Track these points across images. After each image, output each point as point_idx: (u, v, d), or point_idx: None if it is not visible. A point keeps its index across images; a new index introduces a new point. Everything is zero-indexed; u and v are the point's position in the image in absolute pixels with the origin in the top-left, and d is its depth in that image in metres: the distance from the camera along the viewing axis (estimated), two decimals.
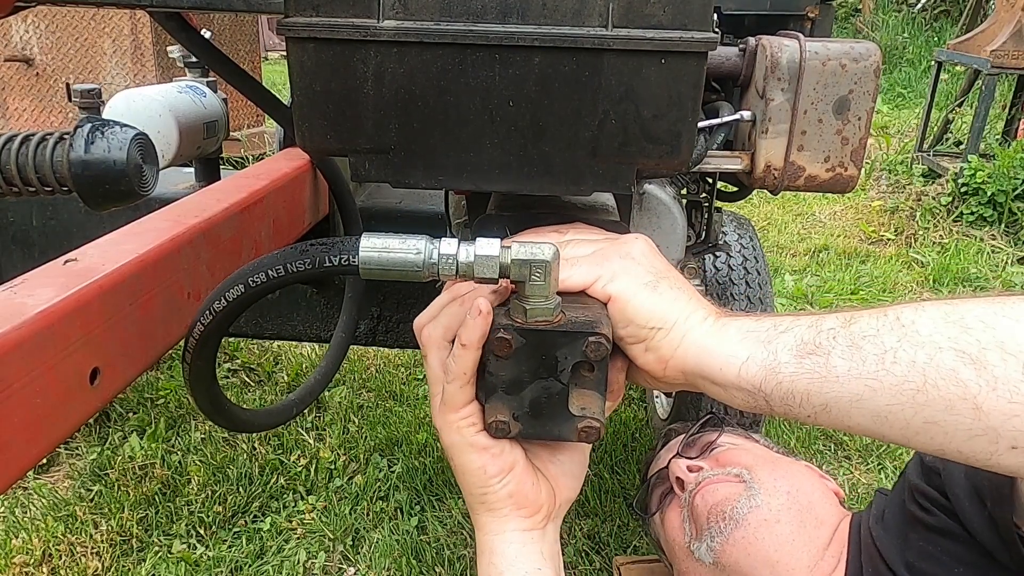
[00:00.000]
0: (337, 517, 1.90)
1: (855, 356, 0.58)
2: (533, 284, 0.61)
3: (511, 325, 0.62)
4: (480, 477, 0.68)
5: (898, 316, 0.58)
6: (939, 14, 8.98)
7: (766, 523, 1.09)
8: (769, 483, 1.14)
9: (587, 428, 0.64)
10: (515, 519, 0.70)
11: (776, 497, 1.12)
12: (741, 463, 1.21)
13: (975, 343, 0.54)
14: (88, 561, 1.75)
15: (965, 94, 5.10)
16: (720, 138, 0.96)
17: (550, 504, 0.72)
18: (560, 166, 0.67)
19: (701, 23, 0.62)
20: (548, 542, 0.72)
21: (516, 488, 0.69)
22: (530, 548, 0.70)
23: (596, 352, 0.61)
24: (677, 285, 0.68)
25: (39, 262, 0.73)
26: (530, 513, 0.70)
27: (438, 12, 0.62)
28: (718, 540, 1.11)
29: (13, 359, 0.59)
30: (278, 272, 0.66)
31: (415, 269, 0.61)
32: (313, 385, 1.21)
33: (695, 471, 1.24)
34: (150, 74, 3.87)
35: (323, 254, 0.64)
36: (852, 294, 3.34)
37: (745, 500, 1.12)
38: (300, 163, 1.29)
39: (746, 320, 0.65)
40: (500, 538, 0.70)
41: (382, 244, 0.62)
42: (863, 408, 0.58)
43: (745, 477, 1.17)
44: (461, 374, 0.65)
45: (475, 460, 0.68)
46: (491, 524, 0.70)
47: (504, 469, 0.68)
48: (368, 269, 0.62)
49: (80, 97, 1.40)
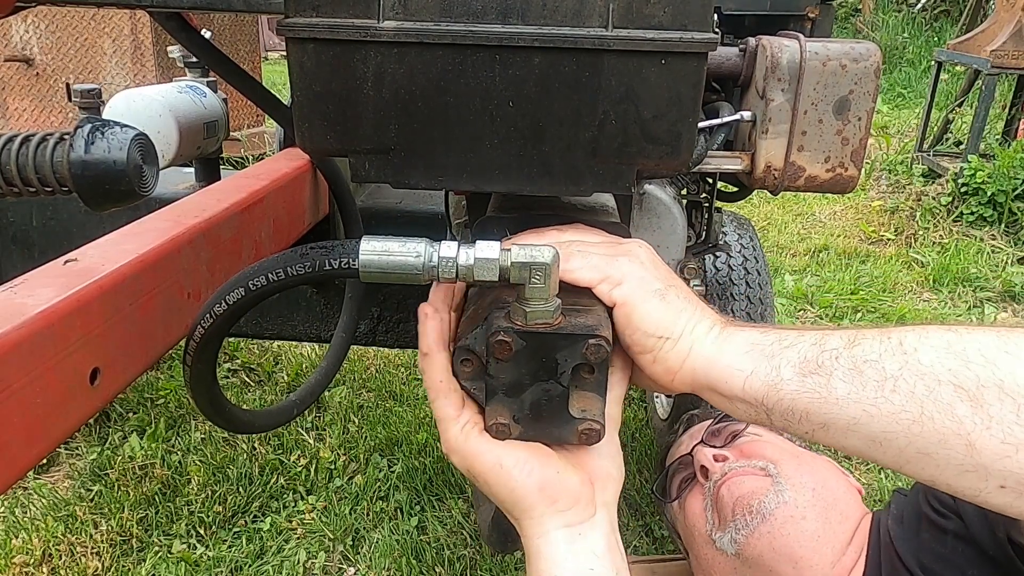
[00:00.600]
0: (337, 517, 1.90)
1: (856, 380, 0.59)
2: (533, 287, 0.61)
3: (511, 328, 0.62)
4: (501, 476, 0.65)
5: (901, 341, 0.59)
6: (939, 14, 8.98)
7: (792, 519, 1.09)
8: (795, 478, 1.14)
9: (587, 430, 0.64)
10: (554, 516, 0.65)
11: (802, 493, 1.12)
12: (766, 456, 1.21)
13: (974, 379, 0.55)
14: (88, 561, 1.75)
15: (965, 94, 5.11)
16: (720, 138, 0.96)
17: (588, 492, 0.67)
18: (560, 166, 0.67)
19: (701, 24, 0.62)
20: (600, 535, 0.66)
21: (542, 478, 0.64)
22: (579, 546, 0.64)
23: (596, 354, 0.61)
24: (684, 295, 0.68)
25: (39, 262, 0.73)
26: (568, 505, 0.65)
27: (438, 13, 0.62)
28: (743, 533, 1.12)
29: (13, 359, 0.59)
30: (278, 276, 0.66)
31: (415, 272, 0.61)
32: (314, 385, 1.21)
33: (720, 460, 1.24)
34: (150, 74, 3.87)
35: (323, 257, 0.64)
36: (852, 294, 3.34)
37: (773, 495, 1.12)
38: (300, 163, 1.29)
39: (752, 332, 0.65)
40: (544, 540, 0.65)
41: (382, 247, 0.62)
42: (859, 432, 0.59)
43: (771, 471, 1.17)
44: (438, 383, 0.65)
45: (487, 458, 0.65)
46: (532, 527, 0.65)
47: (521, 459, 0.65)
48: (368, 272, 0.62)
49: (80, 97, 1.40)
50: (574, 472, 0.67)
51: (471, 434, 0.66)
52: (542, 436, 0.66)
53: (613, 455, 0.70)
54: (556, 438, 0.66)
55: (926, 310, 3.26)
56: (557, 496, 0.65)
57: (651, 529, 1.93)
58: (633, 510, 2.01)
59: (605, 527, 0.67)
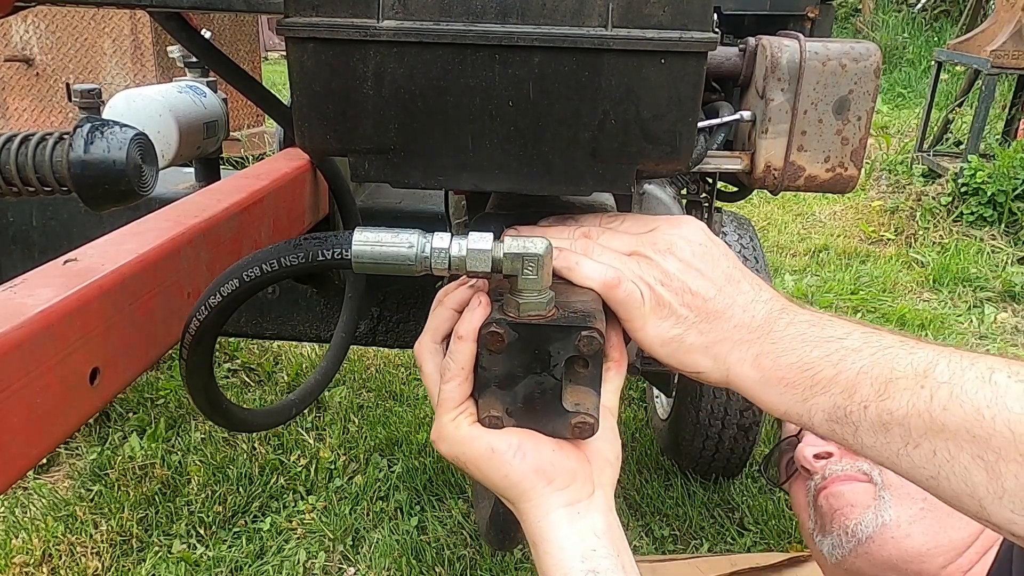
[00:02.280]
0: (337, 517, 1.90)
1: (880, 436, 0.61)
2: (526, 278, 0.61)
3: (503, 319, 0.62)
4: (494, 460, 0.64)
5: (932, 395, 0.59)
6: (939, 14, 8.98)
7: (894, 540, 1.06)
8: (902, 486, 1.09)
9: (580, 424, 0.64)
10: (553, 496, 0.64)
11: (908, 507, 1.08)
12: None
13: (995, 452, 0.56)
14: (88, 561, 1.75)
15: (965, 94, 5.11)
16: (720, 138, 0.96)
17: (585, 469, 0.66)
18: (560, 166, 0.67)
19: (701, 23, 0.62)
20: (598, 513, 0.65)
21: (537, 459, 0.64)
22: (579, 525, 0.64)
23: (589, 346, 0.61)
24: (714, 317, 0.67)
25: (39, 262, 0.73)
26: (566, 483, 0.65)
27: (438, 12, 0.62)
28: (838, 552, 1.10)
29: (13, 359, 0.59)
30: (272, 266, 0.66)
31: (408, 263, 0.61)
32: (313, 385, 1.21)
33: (823, 458, 1.21)
34: (150, 74, 3.87)
35: (316, 248, 0.64)
36: (852, 294, 3.34)
37: (872, 515, 1.08)
38: (300, 163, 1.29)
39: (789, 361, 0.65)
40: (545, 522, 0.64)
41: (375, 238, 0.62)
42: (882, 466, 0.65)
43: (875, 478, 1.13)
44: (459, 369, 0.64)
45: (479, 445, 0.65)
46: (531, 510, 0.65)
47: (513, 443, 0.64)
48: (361, 263, 0.62)
49: (80, 97, 1.40)
50: (570, 451, 0.66)
51: (463, 423, 0.65)
52: (535, 429, 0.66)
53: (611, 440, 0.69)
54: (549, 431, 0.65)
55: (926, 310, 3.26)
56: (553, 475, 0.64)
57: (651, 529, 1.93)
58: (633, 510, 2.01)
59: (603, 506, 0.66)
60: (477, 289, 0.67)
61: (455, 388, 0.65)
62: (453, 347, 0.64)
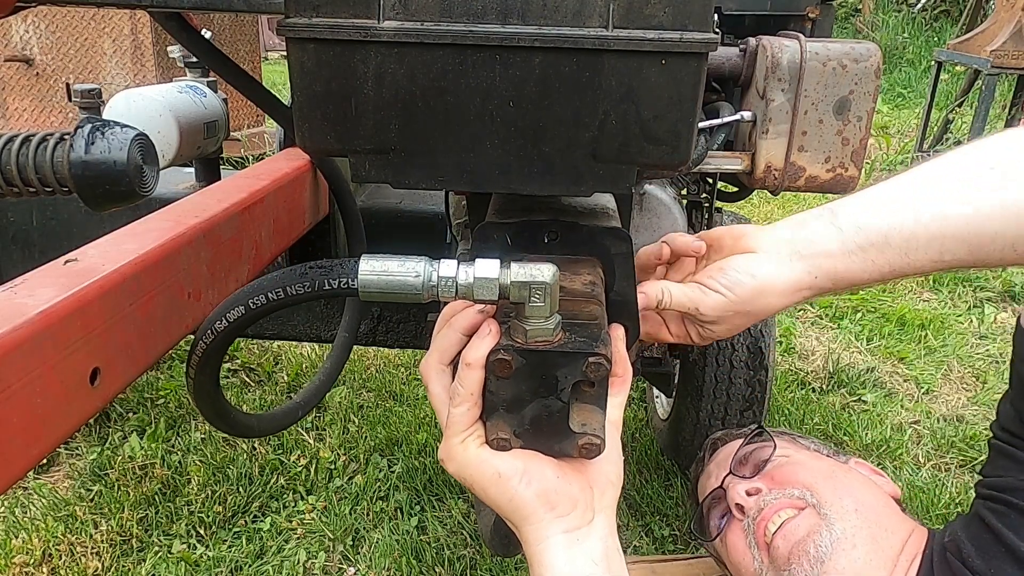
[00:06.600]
0: (337, 517, 1.90)
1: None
2: (533, 305, 0.60)
3: (511, 346, 0.61)
4: (500, 485, 0.65)
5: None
6: (939, 14, 8.99)
7: (845, 552, 1.07)
8: (836, 503, 1.12)
9: (587, 444, 0.64)
10: (553, 522, 0.66)
11: (848, 519, 1.10)
12: (800, 482, 1.18)
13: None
14: (88, 561, 1.75)
15: (965, 94, 5.11)
16: (720, 138, 0.96)
17: (586, 495, 0.67)
18: (560, 167, 0.67)
19: (701, 24, 0.62)
20: (597, 540, 0.67)
21: (541, 486, 0.65)
22: (576, 551, 0.65)
23: (596, 372, 0.61)
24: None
25: (39, 262, 0.73)
26: (567, 510, 0.66)
27: (438, 13, 0.62)
28: None
29: (13, 359, 0.59)
30: (277, 295, 0.67)
31: (415, 292, 0.61)
32: (318, 386, 1.21)
33: (754, 494, 1.22)
34: (150, 74, 3.87)
35: (322, 277, 0.65)
36: (852, 294, 3.34)
37: (826, 533, 1.09)
38: (300, 163, 1.29)
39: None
40: (543, 546, 0.66)
41: (381, 267, 0.61)
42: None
43: (810, 500, 1.14)
44: (468, 395, 0.64)
45: (486, 469, 0.66)
46: (532, 534, 0.66)
47: (519, 469, 0.65)
48: (367, 292, 0.62)
49: (80, 97, 1.40)
50: (573, 477, 0.67)
51: (471, 445, 0.66)
52: (542, 450, 0.66)
53: (614, 460, 0.70)
54: (556, 452, 0.66)
55: (926, 310, 3.26)
56: (556, 502, 0.66)
57: (651, 529, 1.93)
58: (633, 510, 2.01)
59: (603, 532, 0.68)
60: (487, 315, 0.67)
61: (464, 413, 0.66)
62: (461, 373, 0.65)
